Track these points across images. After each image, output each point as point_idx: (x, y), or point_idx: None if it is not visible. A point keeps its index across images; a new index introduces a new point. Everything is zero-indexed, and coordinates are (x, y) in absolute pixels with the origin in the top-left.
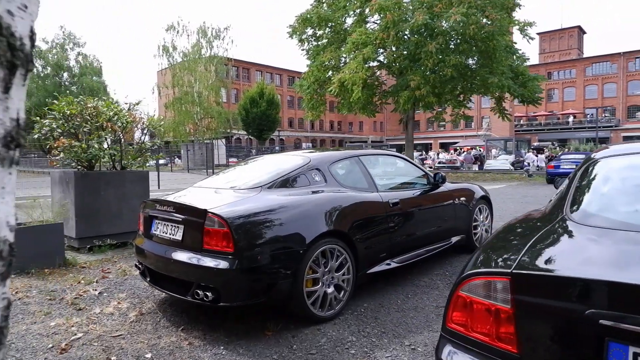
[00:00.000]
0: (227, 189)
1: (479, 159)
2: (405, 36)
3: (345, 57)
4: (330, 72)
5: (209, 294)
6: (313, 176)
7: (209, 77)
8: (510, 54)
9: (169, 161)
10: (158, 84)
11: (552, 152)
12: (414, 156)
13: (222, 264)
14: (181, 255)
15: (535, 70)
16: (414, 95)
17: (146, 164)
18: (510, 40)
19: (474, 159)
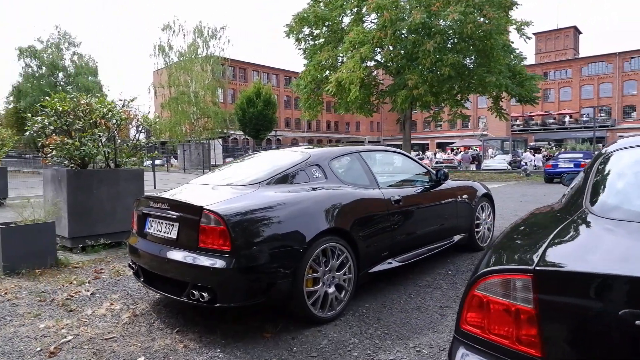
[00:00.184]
0: (224, 185)
1: (476, 158)
2: (403, 35)
3: (342, 57)
4: (327, 72)
5: (205, 294)
6: (313, 172)
7: (206, 77)
8: (508, 53)
9: (166, 161)
10: (154, 83)
11: (550, 152)
12: None
13: (219, 263)
14: (176, 254)
15: (532, 70)
16: (412, 95)
17: (142, 162)
18: (507, 40)
19: (471, 159)
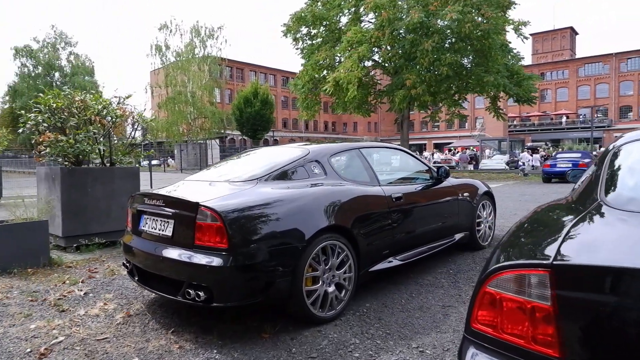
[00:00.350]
0: (222, 181)
1: (474, 158)
2: (401, 35)
3: (340, 56)
4: (324, 72)
5: (201, 293)
6: (312, 168)
7: (203, 77)
8: (506, 52)
9: (163, 161)
10: (151, 83)
11: (547, 152)
12: None
13: (215, 261)
14: (171, 252)
15: (529, 70)
16: (410, 94)
17: (139, 162)
18: (505, 40)
19: (469, 159)
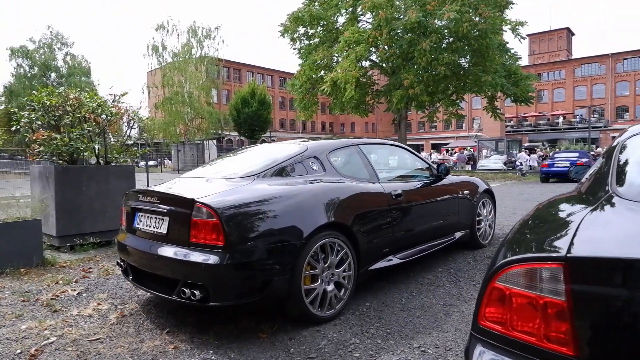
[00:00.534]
0: (218, 178)
1: (471, 158)
2: (398, 34)
3: (337, 56)
4: (322, 72)
5: (197, 292)
6: (311, 165)
7: (200, 77)
8: (503, 52)
9: (159, 162)
10: (148, 84)
11: (545, 152)
12: None
13: (212, 259)
14: (166, 250)
15: (525, 71)
16: (407, 94)
17: (137, 163)
18: (502, 39)
19: (467, 159)
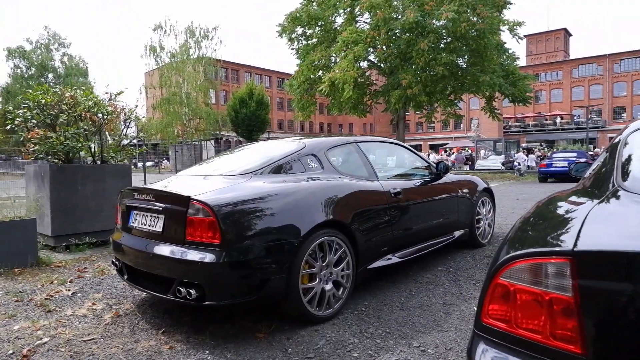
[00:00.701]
0: (215, 175)
1: (470, 159)
2: (396, 35)
3: (335, 56)
4: (320, 72)
5: (193, 291)
6: (309, 162)
7: (198, 78)
8: (501, 52)
9: (157, 163)
10: (146, 84)
11: (543, 152)
12: None
13: (208, 257)
14: (161, 249)
15: (523, 71)
16: (406, 94)
17: (133, 161)
18: (500, 40)
19: (465, 159)
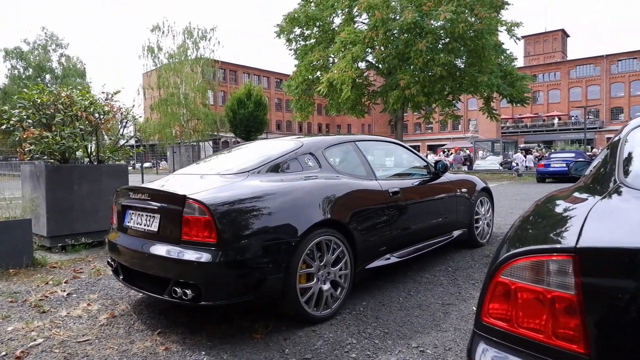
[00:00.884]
0: (212, 174)
1: (468, 159)
2: (394, 35)
3: (333, 57)
4: (318, 72)
5: (188, 291)
6: (306, 161)
7: (196, 79)
8: (499, 53)
9: (155, 164)
10: (143, 85)
11: (541, 152)
12: None
13: (204, 256)
14: (157, 249)
15: (521, 72)
16: (404, 95)
17: (131, 161)
18: (498, 40)
19: (463, 160)
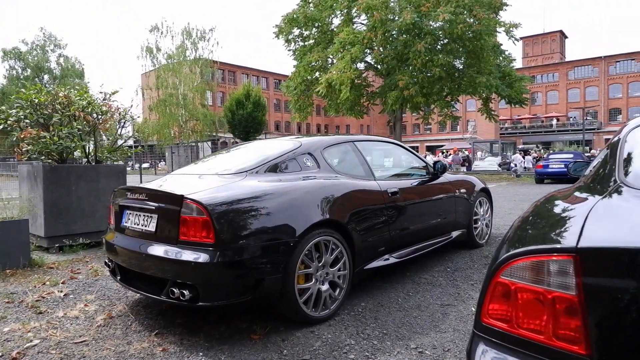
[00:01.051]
0: (210, 174)
1: (467, 160)
2: (393, 36)
3: (332, 58)
4: (317, 73)
5: (186, 292)
6: (304, 161)
7: (194, 79)
8: (498, 54)
9: (153, 164)
10: (142, 86)
11: (540, 153)
12: None
13: (201, 257)
14: (154, 249)
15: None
16: (402, 95)
17: (129, 162)
18: (496, 41)
19: (462, 161)
